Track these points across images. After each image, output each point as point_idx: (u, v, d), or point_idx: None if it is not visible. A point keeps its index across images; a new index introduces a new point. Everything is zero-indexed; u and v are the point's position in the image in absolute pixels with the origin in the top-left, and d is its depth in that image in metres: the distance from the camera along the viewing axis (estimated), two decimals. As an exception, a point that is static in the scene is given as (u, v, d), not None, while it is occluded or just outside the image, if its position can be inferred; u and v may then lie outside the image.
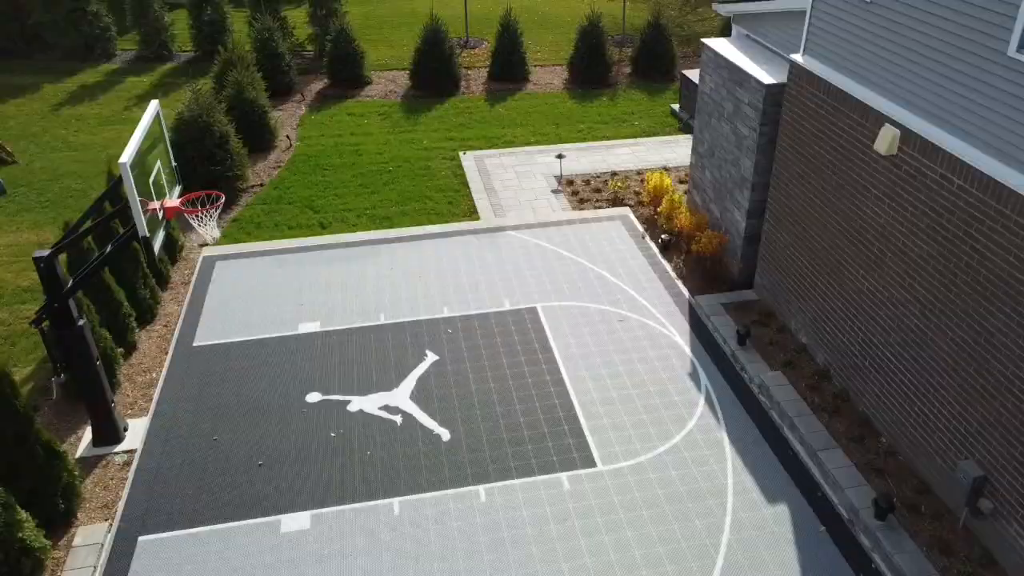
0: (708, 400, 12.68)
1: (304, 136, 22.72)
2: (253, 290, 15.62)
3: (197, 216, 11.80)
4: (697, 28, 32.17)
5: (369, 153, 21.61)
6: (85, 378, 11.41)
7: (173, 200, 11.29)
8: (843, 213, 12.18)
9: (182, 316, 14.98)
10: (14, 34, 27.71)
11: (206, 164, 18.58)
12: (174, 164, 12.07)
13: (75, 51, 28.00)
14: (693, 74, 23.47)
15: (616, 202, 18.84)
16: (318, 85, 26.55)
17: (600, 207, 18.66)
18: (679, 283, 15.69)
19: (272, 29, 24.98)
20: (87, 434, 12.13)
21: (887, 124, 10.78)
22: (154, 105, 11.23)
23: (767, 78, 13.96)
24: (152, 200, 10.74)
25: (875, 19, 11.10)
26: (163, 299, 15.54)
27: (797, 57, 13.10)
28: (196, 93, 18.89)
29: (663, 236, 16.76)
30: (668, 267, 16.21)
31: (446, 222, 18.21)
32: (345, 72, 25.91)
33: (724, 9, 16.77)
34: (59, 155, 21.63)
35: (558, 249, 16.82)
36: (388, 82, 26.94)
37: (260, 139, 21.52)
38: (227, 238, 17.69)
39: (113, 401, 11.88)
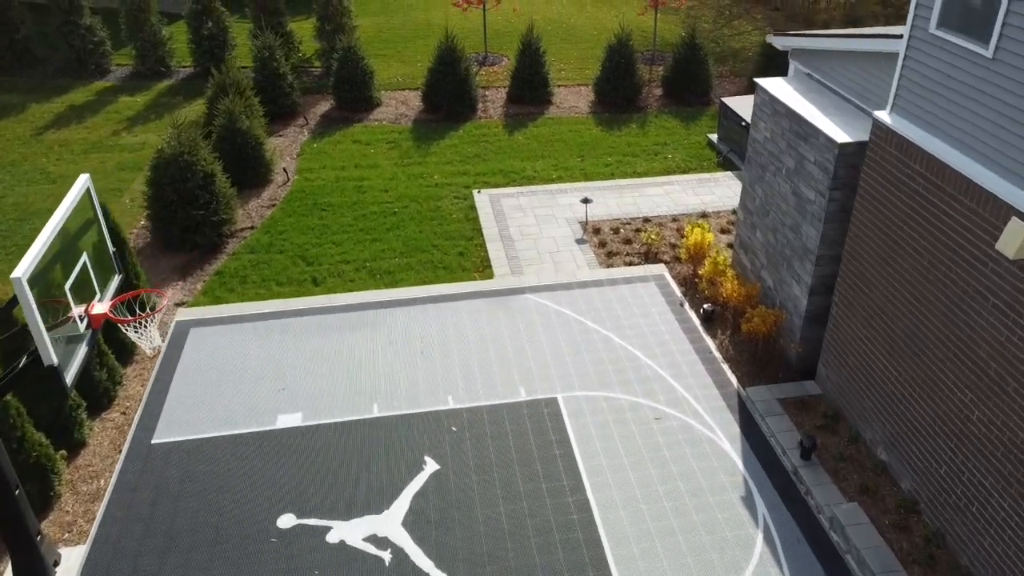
0: (767, 538, 10.16)
1: (304, 168, 20.34)
2: (229, 367, 13.27)
3: (134, 324, 9.37)
4: (733, 44, 29.46)
5: (374, 190, 19.19)
6: (1, 511, 9.12)
7: (103, 304, 8.89)
8: (944, 317, 9.59)
9: (143, 401, 12.65)
10: (2, 49, 25.53)
11: (187, 208, 16.25)
12: (112, 250, 9.65)
13: (67, 67, 25.80)
14: (734, 102, 20.84)
15: (649, 257, 16.30)
16: (324, 107, 24.16)
17: (631, 262, 16.13)
18: (725, 367, 13.15)
19: (273, 47, 22.60)
20: (7, 572, 9.85)
21: (1015, 219, 8.18)
22: (82, 180, 8.83)
23: (840, 135, 11.36)
24: (73, 305, 8.35)
25: (998, 79, 8.49)
26: (126, 376, 13.24)
27: (882, 115, 10.49)
28: (177, 128, 16.54)
29: (705, 306, 14.21)
30: (712, 345, 13.67)
31: (455, 279, 15.77)
32: (352, 94, 23.50)
33: (780, 43, 14.16)
34: (35, 188, 19.39)
35: (582, 319, 14.33)
36: (399, 103, 24.49)
37: (254, 173, 19.18)
38: (207, 295, 15.36)
39: (40, 533, 9.58)
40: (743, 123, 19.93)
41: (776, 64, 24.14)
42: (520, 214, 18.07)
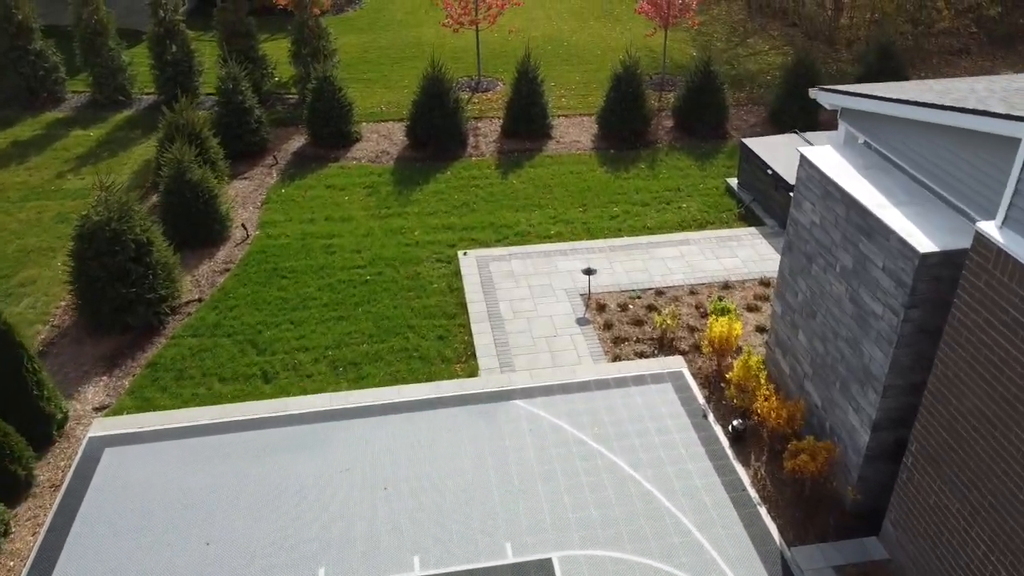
0: None
1: (267, 222, 17.51)
2: (145, 508, 10.50)
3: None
4: (749, 65, 26.55)
5: (344, 251, 16.38)
6: None
7: None
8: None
9: (31, 559, 9.90)
10: (-58, 77, 22.74)
11: (116, 286, 13.47)
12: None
13: (16, 96, 22.96)
14: (757, 144, 17.98)
15: (664, 344, 13.49)
16: (297, 142, 21.32)
17: (643, 352, 13.32)
18: (763, 512, 10.34)
19: (238, 78, 19.75)
20: None
21: None
22: None
23: (922, 241, 8.54)
24: None
25: None
26: (16, 519, 10.49)
27: (988, 228, 7.65)
28: (105, 191, 13.74)
29: (735, 423, 11.40)
30: (744, 476, 10.86)
31: (433, 374, 12.98)
32: (328, 128, 20.65)
33: (829, 100, 11.30)
34: (-43, 247, 16.65)
35: (584, 437, 11.52)
36: (381, 138, 21.64)
37: (207, 231, 16.37)
38: (134, 397, 12.59)
39: None
40: (768, 171, 17.08)
41: (800, 93, 21.26)
42: (512, 283, 15.25)
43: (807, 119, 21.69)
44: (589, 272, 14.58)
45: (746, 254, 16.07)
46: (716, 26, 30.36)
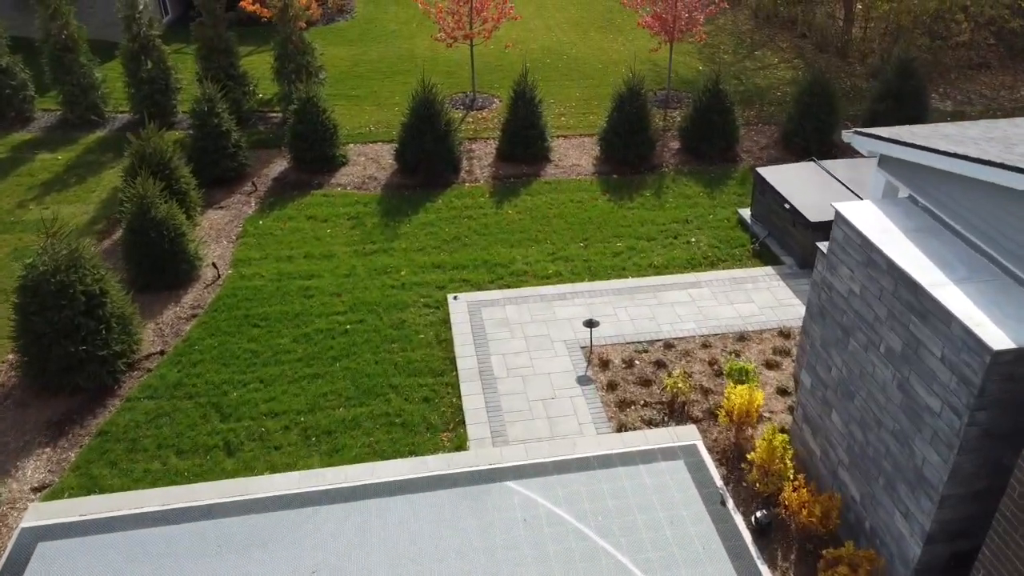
0: None
1: (241, 259, 15.98)
2: (80, 619, 9.01)
3: None
4: (758, 80, 25.01)
5: (324, 294, 14.85)
6: None
7: None
8: None
9: None
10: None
11: (64, 343, 11.96)
12: None
13: (-19, 115, 21.46)
14: (772, 174, 16.46)
15: (675, 409, 11.98)
16: (279, 166, 19.79)
17: (651, 419, 11.80)
18: (794, 630, 8.85)
19: (214, 100, 18.20)
20: None
21: None
22: None
23: (996, 334, 7.02)
24: None
25: None
26: (-71, 635, 9.00)
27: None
28: (51, 240, 12.20)
29: (759, 514, 9.88)
30: (770, 581, 9.38)
31: (417, 445, 11.45)
32: (311, 152, 19.12)
33: (867, 147, 9.78)
34: (-98, 289, 15.12)
35: (586, 530, 10.00)
36: (369, 161, 20.11)
37: (174, 272, 14.84)
38: (79, 474, 11.07)
39: None
40: (785, 205, 15.57)
41: (814, 114, 19.76)
42: (506, 333, 13.73)
43: (822, 141, 20.20)
44: (591, 324, 13.05)
45: (763, 299, 14.55)
46: (722, 36, 28.82)
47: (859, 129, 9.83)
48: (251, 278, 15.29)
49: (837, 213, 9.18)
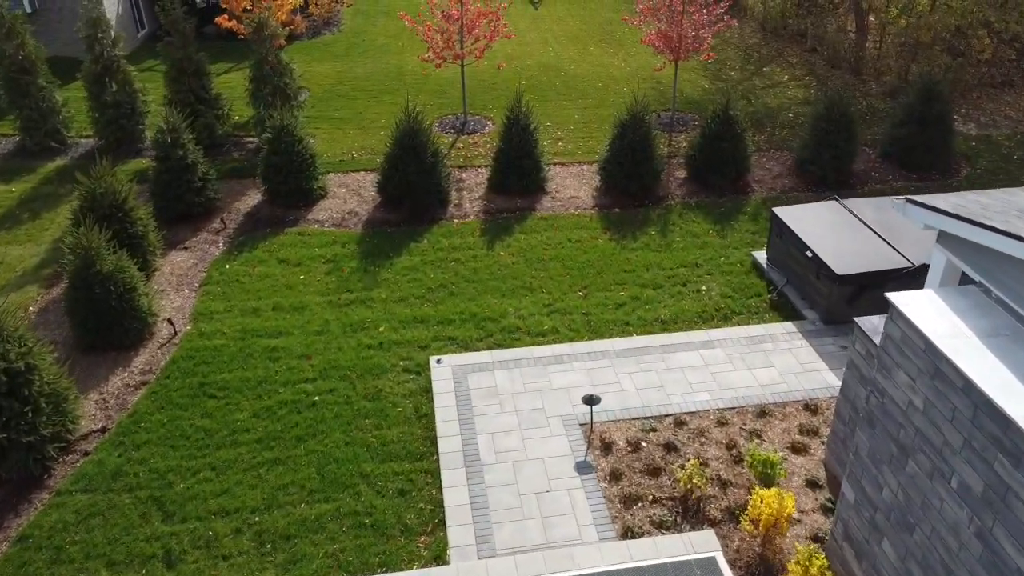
0: None
1: (202, 312, 14.22)
2: None
3: None
4: (768, 100, 23.24)
5: (291, 356, 13.09)
6: None
7: None
8: None
9: None
10: None
11: (-19, 432, 10.22)
12: None
13: (-68, 142, 19.68)
14: (790, 216, 14.71)
15: (689, 508, 10.24)
16: (252, 199, 18.02)
17: (661, 517, 10.05)
18: None
19: (178, 130, 16.42)
20: None
21: None
22: None
23: None
24: None
25: None
26: None
27: None
28: (-35, 308, 10.46)
29: (794, 661, 8.16)
30: None
31: (388, 556, 9.70)
32: (287, 185, 17.35)
33: (922, 219, 8.03)
34: None
35: (588, 677, 8.29)
36: (350, 193, 18.35)
37: (121, 332, 13.07)
38: (-8, 594, 9.35)
39: None
40: (807, 252, 13.83)
41: (831, 141, 18.01)
42: (495, 406, 11.98)
43: (839, 170, 18.48)
44: (591, 402, 11.30)
45: (784, 362, 12.80)
46: (728, 51, 27.04)
47: (912, 198, 8.08)
48: (211, 336, 13.53)
49: (892, 306, 7.43)
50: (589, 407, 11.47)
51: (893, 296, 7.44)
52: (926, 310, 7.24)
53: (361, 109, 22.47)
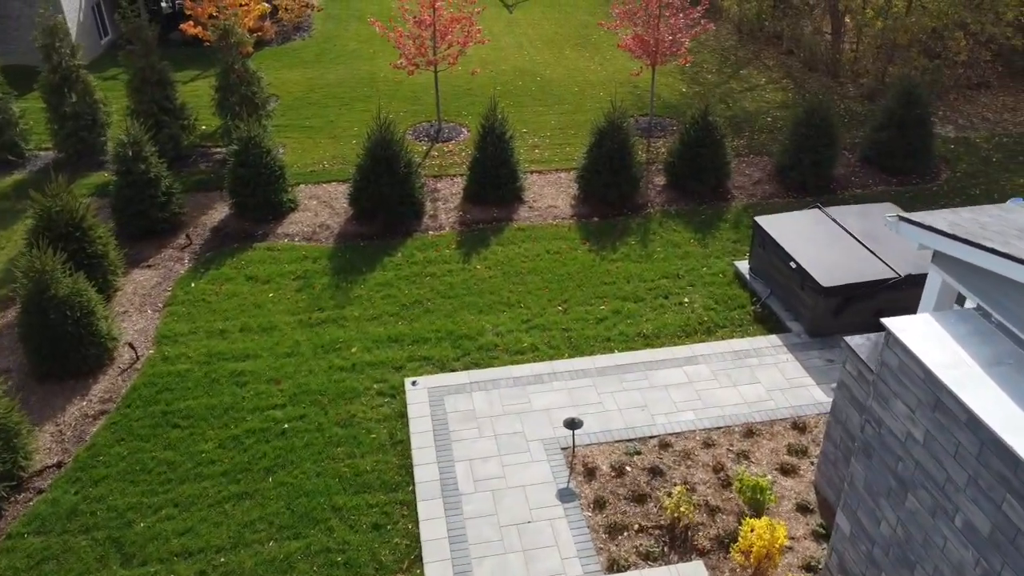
0: None
1: (166, 335, 13.58)
2: None
3: None
4: (746, 104, 22.93)
5: (259, 380, 12.51)
6: None
7: None
8: None
9: None
10: None
11: (-75, 473, 9.54)
12: None
13: None
14: (773, 225, 14.34)
15: (676, 536, 9.80)
16: (219, 212, 17.37)
17: (647, 548, 9.60)
18: None
19: (140, 143, 15.75)
20: None
21: None
22: None
23: None
24: None
25: None
26: None
27: None
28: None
29: None
30: None
31: (362, 596, 9.20)
32: (255, 199, 16.73)
33: (917, 238, 7.64)
34: None
35: None
36: (321, 205, 17.76)
37: (79, 358, 12.40)
38: (-65, 650, 8.70)
39: None
40: (792, 264, 13.46)
41: (812, 147, 17.69)
42: (473, 431, 11.48)
43: (820, 175, 18.17)
44: (573, 426, 10.84)
45: (770, 378, 12.41)
46: (704, 54, 26.71)
47: (906, 216, 7.69)
48: (175, 360, 12.90)
49: (889, 333, 7.03)
50: (571, 431, 11.00)
51: (889, 323, 7.04)
52: (924, 337, 6.84)
53: (333, 117, 21.85)
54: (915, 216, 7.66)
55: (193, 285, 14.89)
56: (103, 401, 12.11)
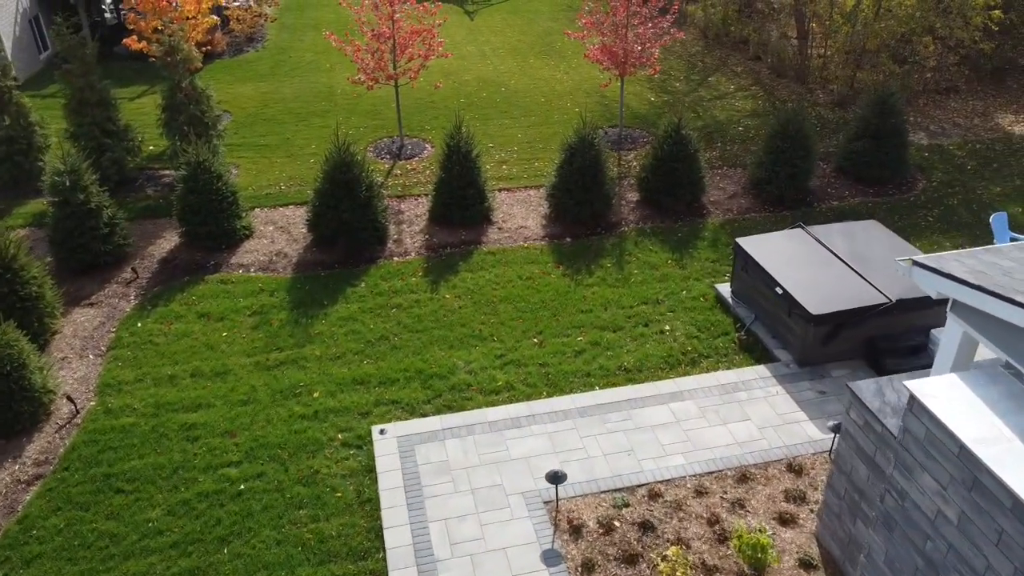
0: None
1: (109, 384, 12.41)
2: None
3: None
4: (716, 113, 22.28)
5: (213, 434, 11.43)
6: None
7: None
8: None
9: None
10: None
11: None
12: None
13: None
14: (756, 247, 13.64)
15: (672, 602, 8.98)
16: (168, 241, 16.18)
17: (642, 618, 8.78)
18: None
19: (78, 171, 14.51)
20: None
21: None
22: None
23: None
24: None
25: None
26: None
27: None
28: None
29: None
30: None
31: None
32: (206, 227, 15.60)
33: (934, 287, 6.90)
34: None
35: None
36: (278, 231, 16.65)
37: (10, 417, 11.18)
38: None
39: None
40: (778, 289, 12.74)
41: (788, 160, 17.06)
42: (448, 485, 10.54)
43: (796, 188, 17.57)
44: (556, 480, 9.96)
45: (760, 414, 11.66)
46: (671, 60, 26.05)
47: (921, 261, 6.95)
48: (119, 413, 11.75)
49: (913, 399, 6.26)
50: (554, 485, 10.12)
51: (913, 386, 6.27)
52: (953, 404, 6.08)
53: (289, 134, 20.71)
54: (930, 261, 6.91)
55: (139, 325, 13.72)
56: (38, 464, 10.93)
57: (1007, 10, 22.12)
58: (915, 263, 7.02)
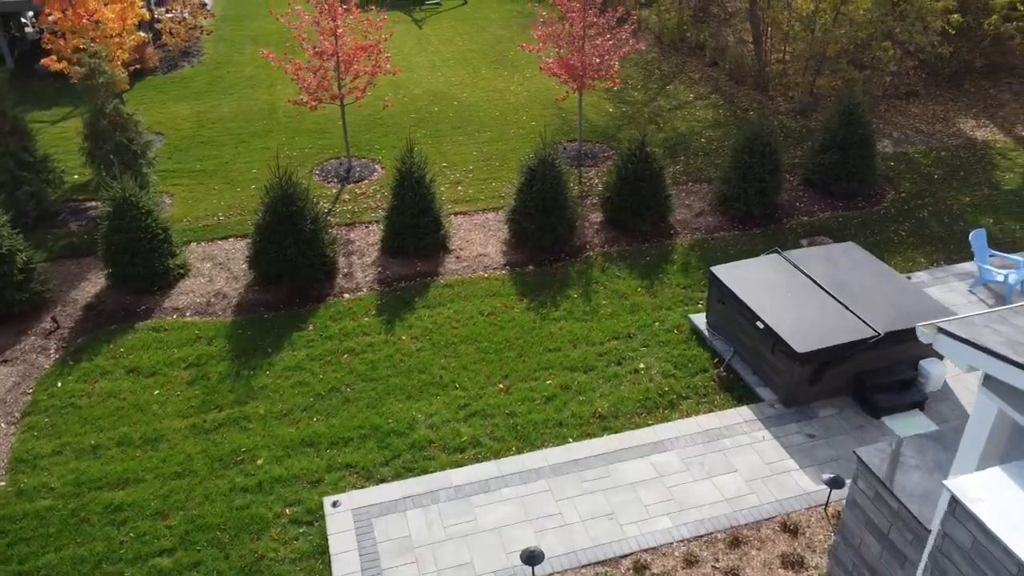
0: None
1: (23, 458, 10.94)
2: None
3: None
4: (677, 124, 21.41)
5: (142, 516, 10.05)
6: None
7: None
8: None
9: None
10: None
11: None
12: None
13: None
14: (731, 276, 12.72)
15: None
16: (94, 284, 14.66)
17: None
18: None
19: (-15, 212, 12.95)
20: None
21: None
22: None
23: None
24: None
25: None
26: None
27: None
28: None
29: None
30: None
31: None
32: (135, 268, 14.12)
33: (964, 359, 5.96)
34: None
35: None
36: (217, 268, 15.24)
37: (-95, 507, 9.71)
38: None
39: None
40: (759, 323, 11.83)
41: (755, 176, 16.24)
42: (412, 568, 9.35)
43: (765, 204, 16.77)
44: (532, 561, 8.87)
45: (748, 464, 10.73)
46: (628, 68, 25.09)
47: (948, 328, 6.01)
48: (34, 495, 10.31)
49: (954, 499, 5.31)
50: (530, 567, 9.02)
51: (954, 486, 5.32)
52: (1003, 508, 5.14)
53: (228, 158, 19.22)
54: (958, 328, 5.98)
55: (60, 385, 12.24)
56: (-63, 562, 9.45)
57: (963, 12, 21.68)
58: (941, 330, 6.09)
